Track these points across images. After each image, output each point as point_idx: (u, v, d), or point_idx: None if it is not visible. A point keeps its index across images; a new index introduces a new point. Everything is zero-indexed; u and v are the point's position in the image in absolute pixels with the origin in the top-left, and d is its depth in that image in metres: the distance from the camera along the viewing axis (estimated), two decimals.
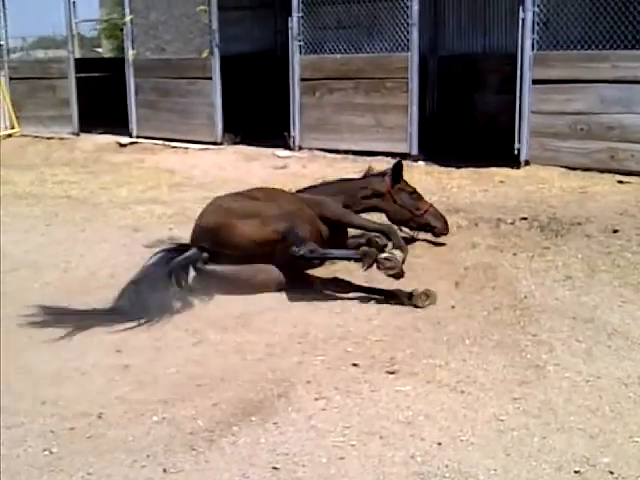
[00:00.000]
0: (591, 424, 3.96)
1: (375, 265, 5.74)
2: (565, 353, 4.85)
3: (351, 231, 7.04)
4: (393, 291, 5.79)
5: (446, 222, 7.31)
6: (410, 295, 5.70)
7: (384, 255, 5.76)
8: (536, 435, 3.85)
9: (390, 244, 6.32)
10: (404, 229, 7.29)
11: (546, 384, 4.42)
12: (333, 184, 7.58)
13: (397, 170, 7.27)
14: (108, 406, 4.27)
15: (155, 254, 6.25)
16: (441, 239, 7.31)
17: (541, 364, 4.68)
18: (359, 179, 7.53)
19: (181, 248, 6.24)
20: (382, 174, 7.38)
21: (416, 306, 5.63)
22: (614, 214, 8.21)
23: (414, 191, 7.33)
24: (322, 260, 6.23)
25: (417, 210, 7.19)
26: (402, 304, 5.67)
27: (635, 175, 9.94)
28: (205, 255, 5.98)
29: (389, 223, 7.08)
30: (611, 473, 3.52)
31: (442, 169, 11.14)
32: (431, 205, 7.36)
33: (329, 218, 6.66)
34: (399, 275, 5.79)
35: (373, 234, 6.65)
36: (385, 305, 5.77)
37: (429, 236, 7.34)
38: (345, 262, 6.39)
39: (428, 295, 5.72)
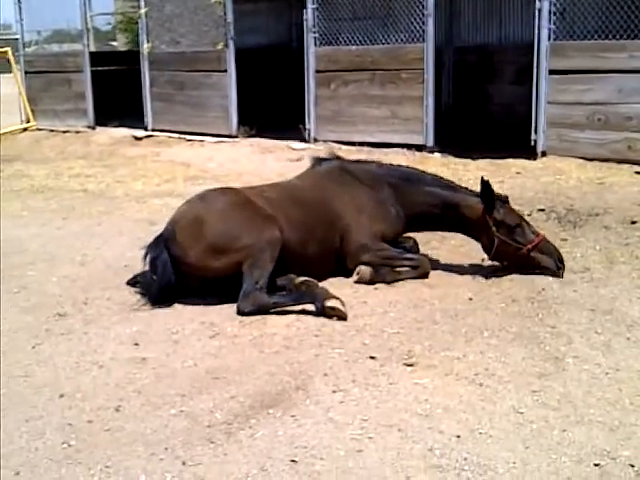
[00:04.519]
0: (611, 417, 3.93)
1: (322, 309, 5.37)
2: (584, 345, 4.81)
3: None
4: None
5: (560, 259, 6.12)
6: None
7: (330, 304, 5.32)
8: (555, 428, 3.83)
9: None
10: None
11: (565, 376, 4.39)
12: (418, 186, 6.39)
13: (487, 194, 6.09)
14: (126, 399, 4.29)
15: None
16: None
17: (560, 356, 4.65)
18: (449, 190, 6.36)
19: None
20: (477, 195, 6.22)
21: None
22: (632, 205, 8.17)
23: (518, 224, 6.13)
24: (272, 309, 5.51)
25: (521, 246, 6.06)
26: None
27: None
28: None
29: (421, 259, 6.32)
30: (632, 466, 3.49)
31: (458, 160, 11.10)
32: (542, 238, 6.17)
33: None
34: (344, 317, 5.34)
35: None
36: (402, 297, 5.75)
37: None
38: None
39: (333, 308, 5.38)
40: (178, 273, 5.68)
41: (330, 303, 5.35)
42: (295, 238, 5.91)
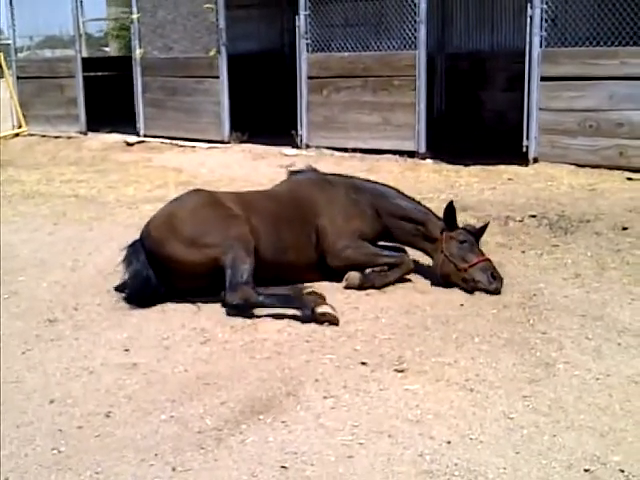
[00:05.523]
0: (601, 422, 3.94)
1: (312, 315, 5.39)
2: (575, 351, 4.82)
3: None
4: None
5: (495, 277, 5.97)
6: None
7: (320, 310, 5.33)
8: (546, 433, 3.83)
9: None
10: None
11: (556, 382, 4.39)
12: (394, 200, 6.52)
13: (449, 213, 6.22)
14: (116, 405, 4.27)
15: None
16: None
17: (551, 362, 4.66)
18: (422, 211, 6.47)
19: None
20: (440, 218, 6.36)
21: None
22: (623, 211, 8.19)
23: (465, 242, 6.15)
24: (259, 307, 5.57)
25: (462, 263, 6.05)
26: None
27: None
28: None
29: (403, 256, 6.39)
30: (621, 471, 3.50)
31: (450, 167, 11.12)
32: (486, 259, 6.14)
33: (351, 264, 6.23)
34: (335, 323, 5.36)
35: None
36: (393, 303, 5.76)
37: None
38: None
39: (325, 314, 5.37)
40: (159, 272, 5.82)
41: (321, 309, 5.35)
42: (269, 235, 6.05)
